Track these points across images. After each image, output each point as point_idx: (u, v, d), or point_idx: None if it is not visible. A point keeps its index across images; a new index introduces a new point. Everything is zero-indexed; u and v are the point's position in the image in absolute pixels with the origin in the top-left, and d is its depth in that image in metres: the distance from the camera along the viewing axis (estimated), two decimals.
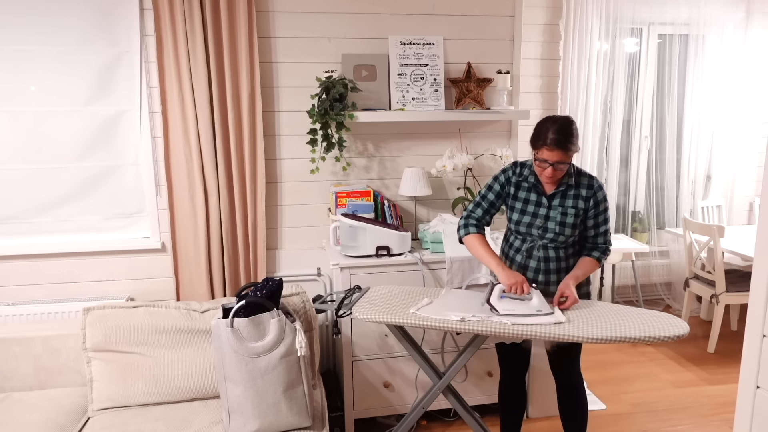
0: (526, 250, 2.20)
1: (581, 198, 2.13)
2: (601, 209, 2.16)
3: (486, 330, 1.90)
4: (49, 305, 2.77)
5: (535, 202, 2.17)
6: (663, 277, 4.51)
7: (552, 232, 2.14)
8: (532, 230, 2.17)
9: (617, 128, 4.19)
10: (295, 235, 3.08)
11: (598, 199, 2.14)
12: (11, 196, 2.80)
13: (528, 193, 2.19)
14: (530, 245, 2.19)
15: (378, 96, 2.94)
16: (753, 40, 4.24)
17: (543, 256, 2.17)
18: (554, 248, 2.17)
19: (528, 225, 2.17)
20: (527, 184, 2.19)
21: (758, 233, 1.31)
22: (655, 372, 3.48)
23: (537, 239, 2.17)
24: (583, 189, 2.14)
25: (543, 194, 2.16)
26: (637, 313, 2.01)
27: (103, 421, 2.15)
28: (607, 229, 2.20)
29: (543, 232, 2.15)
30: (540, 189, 2.16)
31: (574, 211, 2.13)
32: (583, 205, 2.13)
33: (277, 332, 2.04)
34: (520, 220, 2.19)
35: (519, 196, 2.20)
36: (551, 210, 2.14)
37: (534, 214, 2.17)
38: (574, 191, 2.14)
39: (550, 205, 2.15)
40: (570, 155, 2.02)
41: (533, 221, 2.16)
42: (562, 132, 2.00)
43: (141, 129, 2.84)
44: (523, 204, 2.19)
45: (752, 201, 4.57)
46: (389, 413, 2.82)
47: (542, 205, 2.16)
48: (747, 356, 1.36)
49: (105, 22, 2.71)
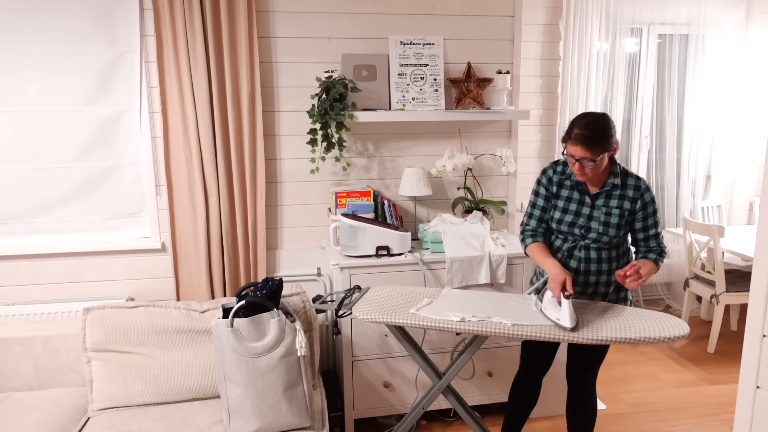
0: (567, 250, 2.15)
1: (627, 199, 2.08)
2: (650, 211, 2.09)
3: (486, 330, 1.90)
4: (49, 305, 2.77)
5: (578, 201, 2.12)
6: (663, 277, 4.51)
7: (595, 232, 2.08)
8: (575, 230, 2.12)
9: (617, 128, 4.18)
10: (295, 235, 3.08)
11: (645, 200, 2.08)
12: (11, 196, 2.80)
13: (571, 191, 2.14)
14: (572, 245, 2.14)
15: (378, 96, 2.94)
16: (753, 40, 4.24)
17: (584, 257, 2.12)
18: (596, 249, 2.11)
19: (570, 224, 2.12)
20: (570, 182, 2.14)
21: (758, 233, 1.31)
22: (655, 372, 3.48)
23: (579, 239, 2.12)
24: (630, 190, 2.08)
25: (586, 193, 2.11)
26: (638, 313, 2.01)
27: (103, 421, 2.15)
28: (659, 232, 2.12)
29: (586, 231, 2.10)
30: (583, 188, 2.12)
31: (619, 212, 2.07)
32: (629, 206, 2.08)
33: (277, 332, 2.04)
34: (562, 219, 2.14)
35: (561, 195, 2.15)
36: (595, 210, 2.09)
37: (577, 213, 2.11)
38: (620, 192, 2.08)
39: (593, 204, 2.10)
40: (595, 153, 1.95)
41: (576, 220, 2.11)
42: (589, 128, 1.95)
43: (141, 129, 2.84)
44: (566, 202, 2.14)
45: (752, 201, 4.57)
46: (389, 413, 2.82)
47: (585, 204, 2.11)
48: (747, 356, 1.36)
49: (105, 22, 2.71)
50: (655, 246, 2.12)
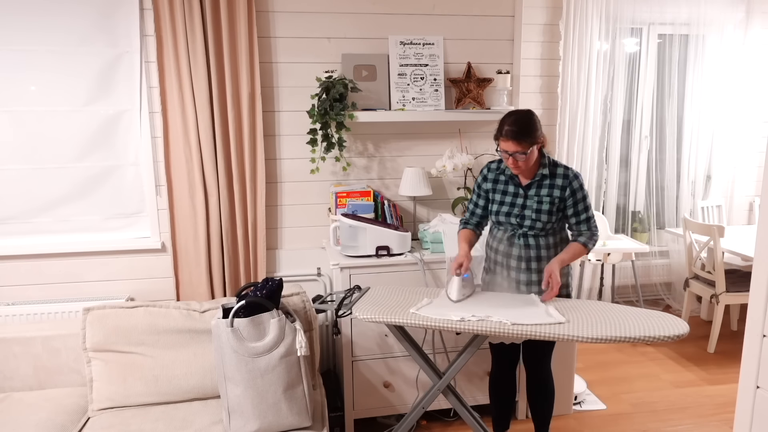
0: (507, 239, 2.30)
1: (557, 187, 2.23)
2: (579, 197, 2.24)
3: (486, 330, 1.90)
4: (49, 305, 2.77)
5: (512, 193, 2.29)
6: (663, 277, 4.50)
7: (529, 219, 2.24)
8: (511, 219, 2.27)
9: (617, 128, 4.19)
10: (295, 235, 3.08)
11: (574, 187, 2.23)
12: (11, 196, 2.80)
13: (506, 185, 2.31)
14: (511, 233, 2.29)
15: (378, 96, 2.94)
16: (753, 40, 4.23)
17: (524, 244, 2.27)
18: (534, 236, 2.26)
19: (506, 214, 2.28)
20: (504, 177, 2.32)
21: (758, 233, 1.31)
22: (655, 372, 3.48)
23: (517, 228, 2.27)
24: (559, 179, 2.24)
25: (519, 185, 2.28)
26: (637, 313, 2.01)
27: (103, 421, 2.15)
28: (590, 217, 2.28)
29: (521, 220, 2.25)
30: (517, 180, 2.28)
31: (549, 200, 2.23)
32: (559, 194, 2.23)
33: (277, 332, 2.04)
34: (499, 211, 2.30)
35: (498, 189, 2.33)
36: (527, 199, 2.25)
37: (512, 204, 2.28)
38: (550, 181, 2.24)
39: (526, 194, 2.26)
40: (524, 145, 2.12)
41: (511, 210, 2.27)
42: (516, 124, 2.12)
43: (141, 129, 2.84)
44: (502, 196, 2.31)
45: (752, 201, 4.57)
46: (389, 413, 2.82)
47: (519, 196, 2.27)
48: (747, 356, 1.36)
49: (105, 22, 2.71)
50: (586, 230, 2.28)
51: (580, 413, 3.01)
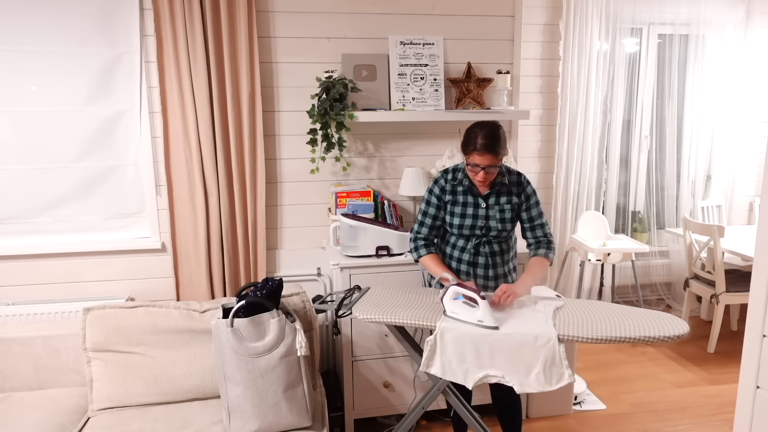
0: (473, 248, 2.27)
1: (513, 194, 2.26)
2: (533, 202, 2.27)
3: None
4: (49, 305, 2.77)
5: (473, 204, 2.26)
6: (663, 277, 4.50)
7: (495, 229, 2.24)
8: (476, 230, 2.25)
9: (617, 128, 4.19)
10: (295, 235, 3.08)
11: (528, 192, 2.26)
12: (11, 196, 2.81)
13: (465, 196, 2.26)
14: (476, 242, 2.26)
15: (378, 96, 2.94)
16: (753, 40, 4.23)
17: (489, 251, 2.27)
18: (498, 243, 2.28)
19: (471, 227, 2.25)
20: (462, 188, 2.26)
21: (758, 233, 1.31)
22: (655, 372, 3.48)
23: (481, 237, 2.26)
24: (513, 186, 2.26)
25: (479, 195, 2.25)
26: (637, 313, 2.01)
27: (103, 421, 2.15)
28: (544, 222, 2.30)
29: (486, 231, 2.25)
30: (475, 191, 2.25)
31: (510, 206, 2.25)
32: (516, 200, 2.26)
33: (277, 332, 2.04)
34: (462, 224, 2.26)
35: (457, 201, 2.27)
36: (489, 209, 2.25)
37: (474, 216, 2.25)
38: (506, 188, 2.26)
39: (487, 204, 2.25)
40: (499, 158, 2.12)
41: (475, 222, 2.25)
42: (491, 137, 2.08)
43: (141, 129, 2.84)
44: (462, 207, 2.26)
45: (752, 201, 4.57)
46: (389, 413, 2.82)
47: (480, 206, 2.25)
48: (747, 356, 1.36)
49: (105, 22, 2.71)
50: (542, 236, 2.30)
51: (580, 413, 3.01)
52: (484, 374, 1.91)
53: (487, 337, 1.89)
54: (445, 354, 1.95)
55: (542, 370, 1.87)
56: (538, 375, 1.87)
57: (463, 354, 1.92)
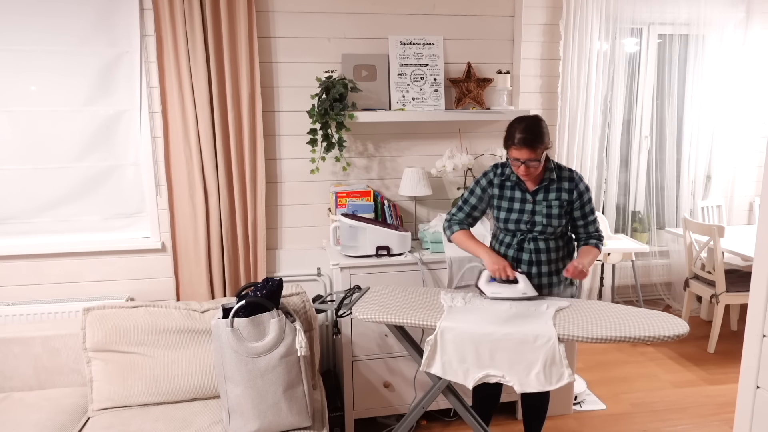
0: (516, 243, 2.28)
1: (564, 190, 2.23)
2: (586, 199, 2.25)
3: None
4: (49, 305, 2.77)
5: (520, 199, 2.26)
6: (663, 277, 4.50)
7: (540, 225, 2.22)
8: (521, 225, 2.25)
9: (617, 128, 4.19)
10: (295, 235, 3.08)
11: (580, 190, 2.24)
12: (11, 196, 2.80)
13: (512, 191, 2.27)
14: (521, 238, 2.27)
15: (378, 96, 2.94)
16: (753, 40, 4.23)
17: (534, 248, 2.25)
18: (544, 240, 2.25)
19: (516, 222, 2.25)
20: (510, 183, 2.28)
21: (758, 233, 1.31)
22: (655, 372, 3.48)
23: (526, 233, 2.25)
24: (565, 182, 2.24)
25: (527, 191, 2.25)
26: (637, 312, 2.01)
27: (103, 421, 2.15)
28: (595, 218, 2.31)
29: (531, 226, 2.23)
30: (523, 186, 2.26)
31: (558, 203, 2.22)
32: (567, 197, 2.23)
33: (277, 332, 2.04)
34: (508, 218, 2.27)
35: (504, 195, 2.28)
36: (536, 205, 2.23)
37: (521, 211, 2.25)
38: (557, 185, 2.24)
39: (534, 200, 2.24)
40: (538, 152, 2.10)
41: (521, 217, 2.25)
42: (529, 131, 2.10)
43: (141, 129, 2.84)
44: (509, 202, 2.27)
45: (752, 201, 4.57)
46: (389, 413, 2.82)
47: (527, 201, 2.25)
48: (747, 356, 1.36)
49: (105, 22, 2.71)
50: (594, 231, 2.31)
51: (580, 413, 3.01)
52: (485, 374, 1.91)
53: (487, 337, 1.90)
54: (446, 353, 1.95)
55: (542, 370, 1.87)
56: (538, 374, 1.87)
57: (464, 354, 1.92)
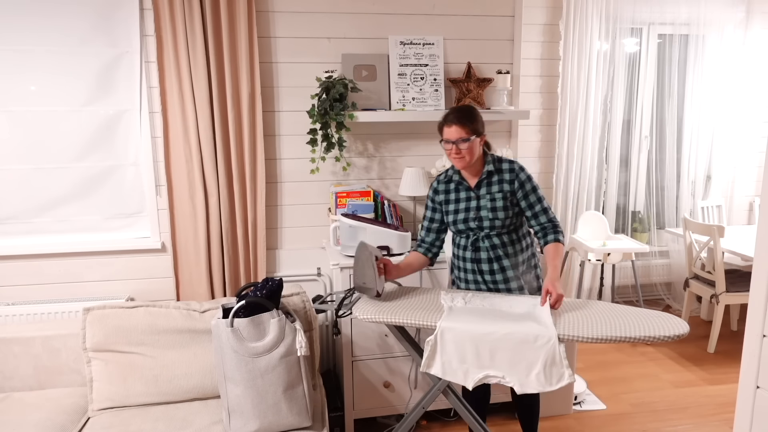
0: (471, 244, 2.26)
1: (505, 182, 2.22)
2: (528, 189, 2.22)
3: None
4: (49, 305, 2.77)
5: (465, 198, 2.27)
6: (663, 277, 4.50)
7: (486, 219, 2.21)
8: (470, 224, 2.24)
9: (617, 128, 4.19)
10: (295, 235, 3.08)
11: (521, 179, 2.21)
12: (11, 196, 2.81)
13: (457, 193, 2.29)
14: (474, 238, 2.25)
15: (378, 96, 2.94)
16: (753, 40, 4.23)
17: (490, 245, 2.23)
18: (497, 235, 2.23)
19: (464, 221, 2.25)
20: (453, 185, 2.29)
21: (758, 233, 1.31)
22: (655, 372, 3.48)
23: (478, 231, 2.24)
24: (506, 173, 2.23)
25: (469, 188, 2.26)
26: (637, 312, 2.01)
27: (103, 421, 2.15)
28: (546, 207, 2.24)
29: (479, 222, 2.22)
30: (466, 185, 2.26)
31: (501, 195, 2.21)
32: (509, 188, 2.22)
33: (277, 332, 2.04)
34: (456, 219, 2.26)
35: (450, 199, 2.29)
36: (480, 200, 2.23)
37: (467, 209, 2.25)
38: (497, 177, 2.23)
39: (478, 196, 2.24)
40: (467, 131, 2.11)
41: (467, 215, 2.24)
42: (459, 110, 2.15)
43: (141, 129, 2.84)
44: (455, 204, 2.28)
45: (752, 201, 4.57)
46: (389, 413, 2.82)
47: (471, 198, 2.25)
48: (747, 356, 1.36)
49: (105, 22, 2.71)
50: (546, 221, 2.23)
51: (580, 413, 3.01)
52: (484, 375, 1.91)
53: (487, 337, 1.89)
54: (446, 354, 1.95)
55: (542, 370, 1.87)
56: (539, 375, 1.87)
57: (464, 354, 1.92)
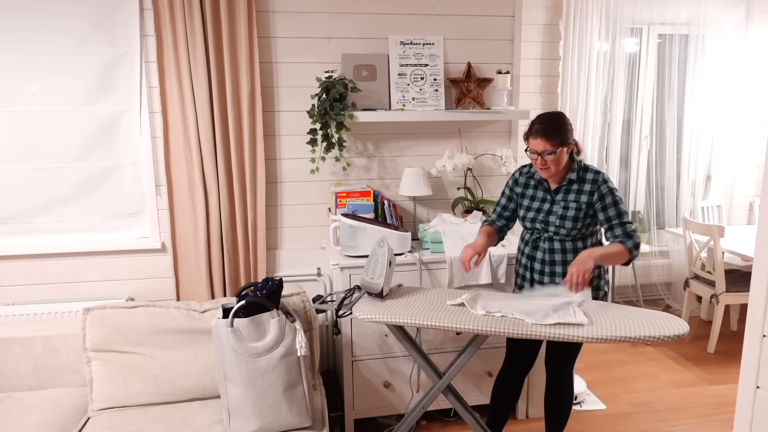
0: (532, 241, 2.31)
1: (584, 193, 2.19)
2: (608, 202, 2.17)
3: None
4: (49, 305, 2.77)
5: (540, 198, 2.28)
6: (663, 277, 4.50)
7: (553, 225, 2.22)
8: (536, 224, 2.27)
9: (617, 128, 4.19)
10: (295, 235, 3.08)
11: (602, 192, 2.17)
12: (11, 196, 2.80)
13: (535, 190, 2.30)
14: (536, 237, 2.29)
15: (378, 96, 2.94)
16: (753, 40, 4.23)
17: (548, 248, 2.25)
18: (560, 240, 2.24)
19: (532, 220, 2.28)
20: (534, 182, 2.31)
21: (758, 233, 1.31)
22: (655, 372, 3.48)
23: (542, 232, 2.26)
24: (587, 184, 2.20)
25: (548, 190, 2.27)
26: (637, 312, 2.01)
27: (103, 421, 2.15)
28: (624, 222, 2.17)
29: (545, 225, 2.24)
30: (546, 185, 2.27)
31: (576, 205, 2.19)
32: (586, 199, 2.18)
33: (277, 332, 2.04)
34: (525, 216, 2.31)
35: (527, 194, 2.33)
36: (554, 204, 2.23)
37: (538, 210, 2.27)
38: (577, 186, 2.21)
39: (553, 200, 2.24)
40: (553, 144, 2.10)
41: (537, 216, 2.27)
42: (546, 122, 2.13)
43: (141, 129, 2.84)
44: (530, 201, 2.31)
45: (752, 201, 4.57)
46: (389, 413, 2.82)
47: (546, 201, 2.26)
48: (747, 356, 1.36)
49: (105, 22, 2.71)
50: (621, 233, 2.18)
51: (580, 413, 3.01)
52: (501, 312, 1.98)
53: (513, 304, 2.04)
54: None
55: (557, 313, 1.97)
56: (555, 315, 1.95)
57: None
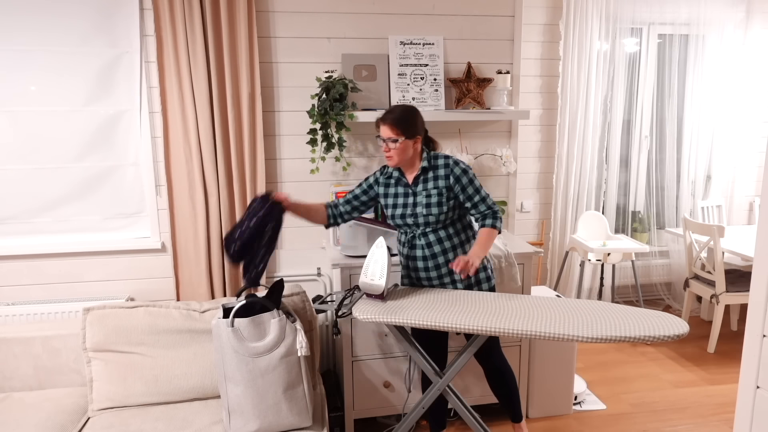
0: (408, 241, 2.31)
1: (440, 178, 2.24)
2: (465, 181, 2.23)
3: (488, 329, 1.90)
4: (49, 305, 2.77)
5: (403, 193, 2.30)
6: (663, 277, 4.50)
7: (421, 215, 2.24)
8: (407, 219, 2.28)
9: (617, 128, 4.19)
10: (295, 235, 3.08)
11: (456, 173, 2.22)
12: (11, 196, 2.81)
13: (396, 187, 2.32)
14: (411, 235, 2.30)
15: (378, 96, 2.94)
16: (753, 40, 4.23)
17: (425, 243, 2.27)
18: (433, 231, 2.26)
19: (401, 216, 2.29)
20: (393, 180, 2.33)
21: (758, 233, 1.31)
22: (655, 372, 3.48)
23: (414, 228, 2.28)
24: (441, 169, 2.24)
25: (408, 185, 2.29)
26: (637, 312, 2.01)
27: (103, 421, 2.15)
28: (484, 197, 2.25)
29: (415, 218, 2.26)
30: (404, 181, 2.30)
31: (436, 191, 2.23)
32: (444, 183, 2.23)
33: (277, 332, 2.04)
34: (394, 214, 2.31)
35: (389, 193, 2.33)
36: (417, 196, 2.26)
37: (404, 204, 2.29)
38: (433, 173, 2.25)
39: (415, 192, 2.27)
40: (396, 132, 2.15)
41: (405, 211, 2.28)
42: (396, 112, 2.18)
43: (141, 129, 2.84)
44: (394, 198, 2.32)
45: (752, 201, 4.57)
46: (389, 413, 2.82)
47: (409, 194, 2.28)
48: (747, 356, 1.36)
49: (105, 22, 2.71)
50: (486, 209, 2.25)
51: (580, 413, 3.01)
52: None
53: None
54: None
55: None
56: None
57: None
